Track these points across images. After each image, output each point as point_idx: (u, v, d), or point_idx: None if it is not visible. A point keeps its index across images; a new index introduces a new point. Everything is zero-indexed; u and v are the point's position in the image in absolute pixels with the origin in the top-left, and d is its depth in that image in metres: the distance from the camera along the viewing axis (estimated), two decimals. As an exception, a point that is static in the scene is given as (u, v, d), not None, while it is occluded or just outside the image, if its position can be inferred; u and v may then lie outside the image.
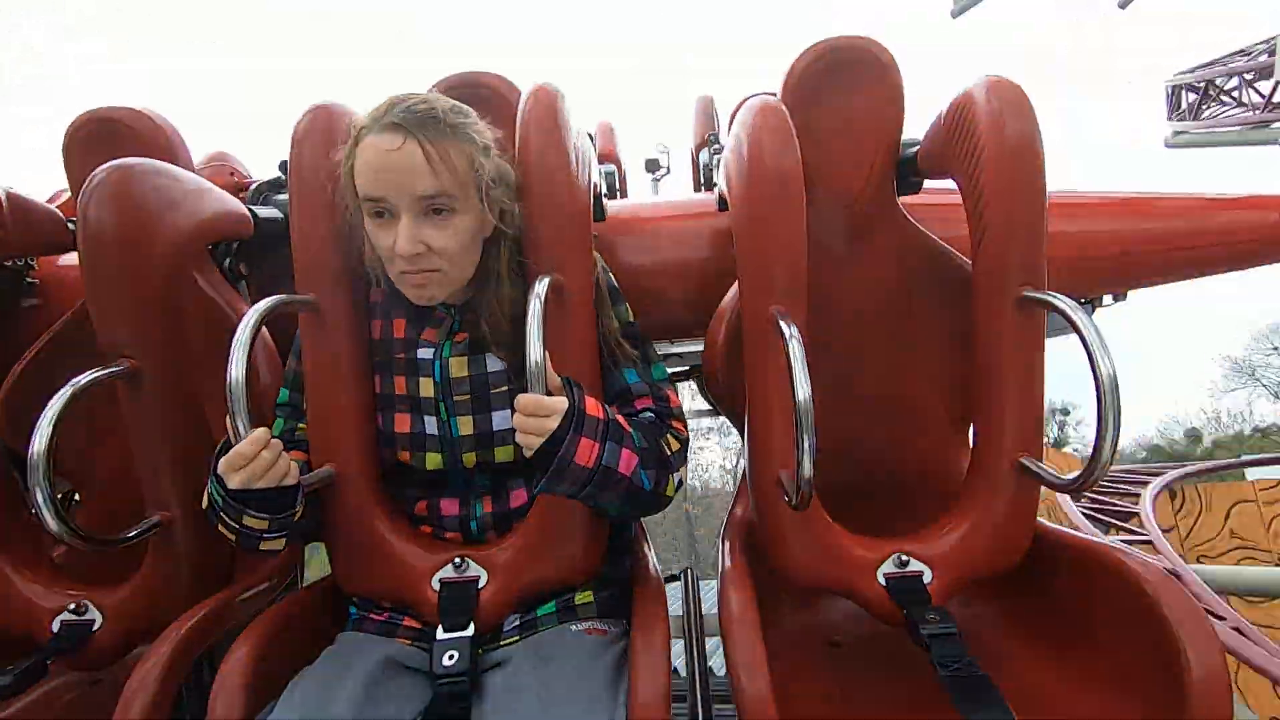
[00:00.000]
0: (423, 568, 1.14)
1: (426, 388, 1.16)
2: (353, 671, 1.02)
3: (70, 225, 1.45)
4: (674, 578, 1.64)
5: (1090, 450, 0.99)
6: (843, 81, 1.34)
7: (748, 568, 1.22)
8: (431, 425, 1.16)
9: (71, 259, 1.74)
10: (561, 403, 0.98)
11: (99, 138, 1.54)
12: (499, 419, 1.15)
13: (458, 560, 1.14)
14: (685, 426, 1.21)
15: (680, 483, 1.15)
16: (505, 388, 1.16)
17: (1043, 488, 1.15)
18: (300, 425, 1.22)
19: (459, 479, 1.20)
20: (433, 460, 1.17)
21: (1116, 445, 0.98)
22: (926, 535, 1.19)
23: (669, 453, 1.13)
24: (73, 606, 1.23)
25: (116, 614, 1.23)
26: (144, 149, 1.52)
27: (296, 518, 1.06)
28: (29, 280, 1.67)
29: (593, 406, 1.02)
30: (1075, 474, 1.03)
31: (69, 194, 1.70)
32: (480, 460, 1.17)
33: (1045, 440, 1.25)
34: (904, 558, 1.16)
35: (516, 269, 1.15)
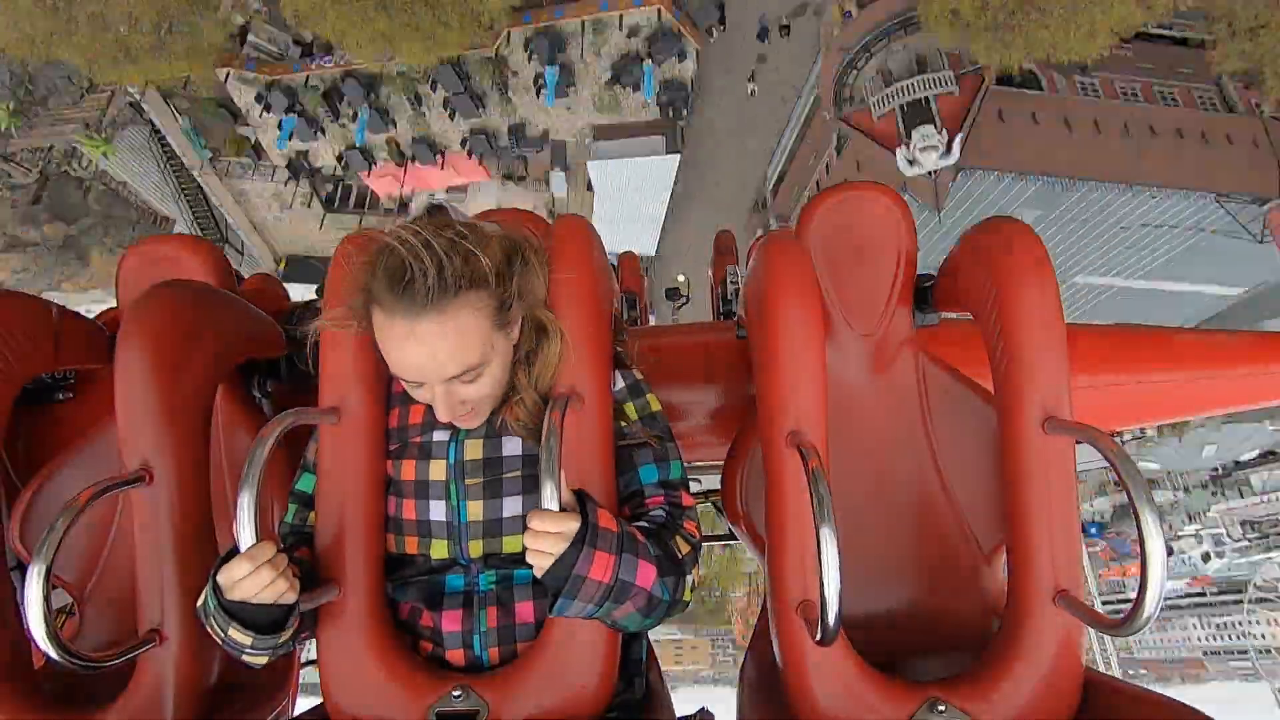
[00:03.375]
0: (419, 698, 1.08)
1: (438, 470, 1.15)
2: None
3: (113, 339, 1.51)
4: (688, 718, 1.52)
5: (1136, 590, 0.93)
6: (856, 220, 1.40)
7: (768, 714, 1.13)
8: (439, 511, 1.14)
9: (109, 372, 1.80)
10: (574, 520, 0.96)
11: (152, 262, 1.64)
12: (510, 505, 1.13)
13: (457, 691, 1.07)
14: (698, 529, 1.17)
15: (695, 584, 1.10)
16: (519, 473, 1.14)
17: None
18: (313, 515, 1.19)
19: (463, 580, 1.15)
20: (438, 549, 1.14)
21: (1165, 581, 0.92)
22: (965, 680, 1.10)
23: (680, 555, 1.09)
24: None
25: None
26: (193, 272, 1.62)
27: (283, 640, 1.03)
28: (66, 394, 1.72)
29: (606, 520, 1.00)
30: (1123, 614, 0.96)
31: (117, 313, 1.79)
32: (487, 552, 1.13)
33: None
34: (941, 706, 1.06)
35: (540, 356, 1.14)
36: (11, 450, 1.53)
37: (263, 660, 1.04)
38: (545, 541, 0.95)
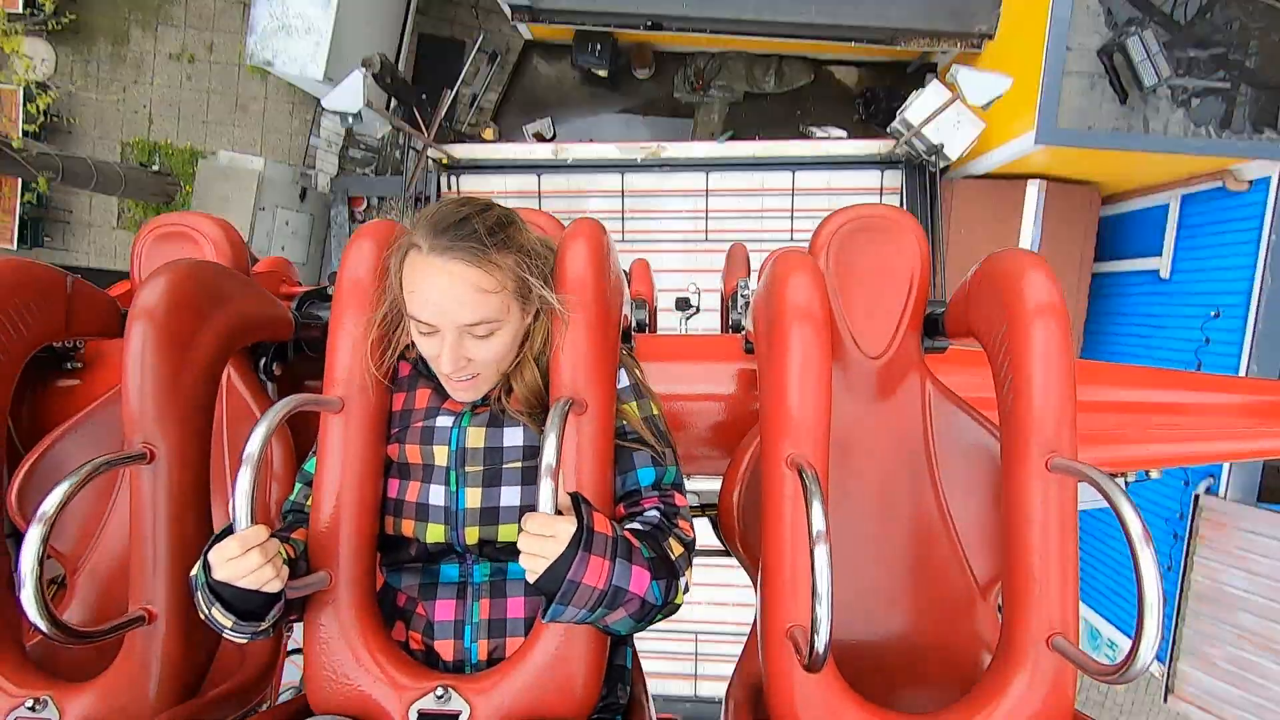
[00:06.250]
0: (401, 696, 1.07)
1: (440, 456, 1.16)
2: None
3: (124, 314, 1.52)
4: (670, 734, 1.51)
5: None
6: (870, 244, 1.40)
7: None
8: (438, 496, 1.15)
9: (118, 345, 1.81)
10: (570, 525, 0.96)
11: (169, 239, 1.66)
12: (507, 494, 1.14)
13: (440, 691, 1.07)
14: (691, 527, 1.17)
15: (687, 587, 1.10)
16: (519, 464, 1.15)
17: None
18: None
19: (457, 570, 1.16)
20: (434, 533, 1.14)
21: (1161, 633, 0.91)
22: (953, 714, 1.09)
23: (674, 556, 1.09)
24: (30, 704, 1.16)
25: (76, 716, 1.16)
26: (208, 251, 1.64)
27: (262, 628, 1.03)
28: (74, 364, 1.73)
29: (602, 524, 1.00)
30: (1117, 662, 0.95)
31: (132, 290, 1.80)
32: (483, 539, 1.13)
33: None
34: None
35: (546, 359, 1.17)
36: (16, 418, 1.54)
37: (243, 640, 1.05)
38: (540, 544, 0.95)
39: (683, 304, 3.08)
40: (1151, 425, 1.78)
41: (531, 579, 0.96)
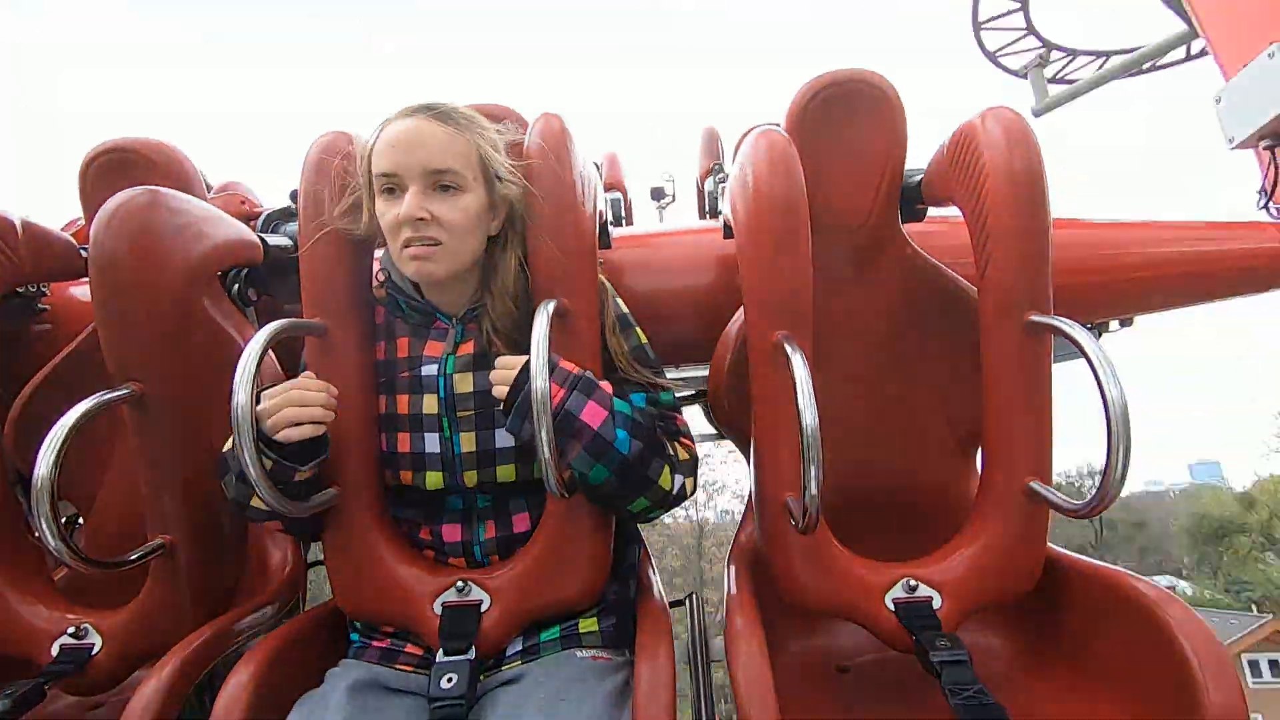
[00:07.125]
0: (425, 591, 1.14)
1: (430, 404, 1.17)
2: (350, 699, 1.02)
3: (83, 252, 1.47)
4: (679, 603, 1.62)
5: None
6: (845, 112, 1.35)
7: (754, 592, 1.20)
8: (433, 443, 1.16)
9: (83, 286, 1.76)
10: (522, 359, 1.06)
11: (114, 167, 1.57)
12: (502, 436, 1.15)
13: (460, 584, 1.13)
14: (694, 445, 1.21)
15: (690, 489, 1.17)
16: None
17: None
18: None
19: (460, 500, 1.19)
20: (434, 480, 1.17)
21: (1127, 470, 0.97)
22: (935, 560, 1.17)
23: (669, 451, 1.15)
24: (72, 630, 1.22)
25: (116, 638, 1.22)
26: (158, 179, 1.55)
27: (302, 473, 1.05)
28: (40, 306, 1.70)
29: (569, 365, 1.09)
30: (1086, 500, 1.02)
31: (83, 223, 1.73)
32: (481, 480, 1.16)
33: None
34: (913, 583, 1.14)
35: (523, 276, 1.17)
36: None
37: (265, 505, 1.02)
38: (505, 374, 1.07)
39: (657, 193, 3.00)
40: (1133, 275, 1.82)
41: (499, 394, 1.06)
